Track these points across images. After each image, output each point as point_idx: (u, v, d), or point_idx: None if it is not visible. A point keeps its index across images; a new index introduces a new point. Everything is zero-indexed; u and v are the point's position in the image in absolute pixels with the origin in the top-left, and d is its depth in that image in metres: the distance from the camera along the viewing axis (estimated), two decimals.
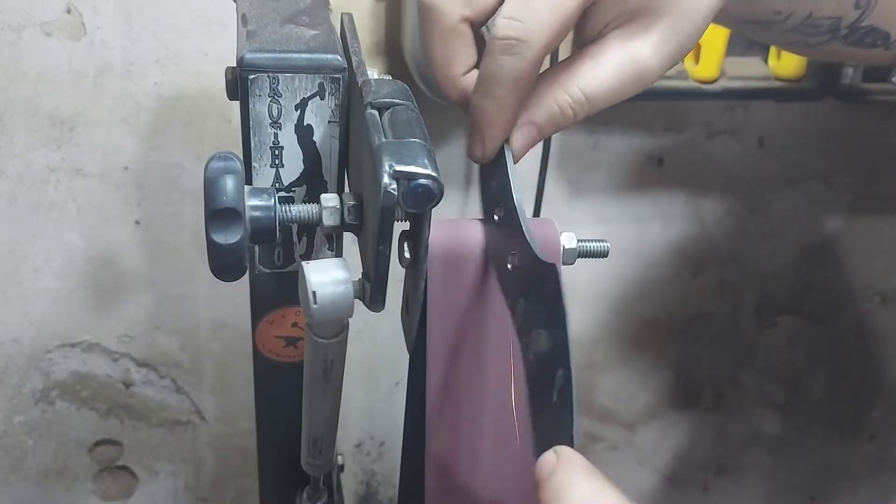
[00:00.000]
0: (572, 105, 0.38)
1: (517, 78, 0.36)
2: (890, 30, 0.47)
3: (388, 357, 0.95)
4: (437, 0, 0.37)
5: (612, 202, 0.91)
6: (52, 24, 0.73)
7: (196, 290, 0.86)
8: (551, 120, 0.39)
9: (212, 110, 0.79)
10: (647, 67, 0.38)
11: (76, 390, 0.90)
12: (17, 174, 0.78)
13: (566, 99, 0.38)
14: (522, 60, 0.36)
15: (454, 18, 0.38)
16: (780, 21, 0.45)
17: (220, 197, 0.35)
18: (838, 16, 0.46)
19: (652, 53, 0.38)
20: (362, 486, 1.03)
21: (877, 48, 0.48)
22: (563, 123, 0.39)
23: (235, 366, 0.91)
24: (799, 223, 0.97)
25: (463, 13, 0.37)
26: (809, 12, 0.45)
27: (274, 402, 0.53)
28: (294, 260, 0.46)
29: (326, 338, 0.41)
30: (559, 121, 0.39)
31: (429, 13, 0.38)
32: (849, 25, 0.47)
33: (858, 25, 0.47)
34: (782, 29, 0.46)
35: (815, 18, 0.46)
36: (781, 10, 0.45)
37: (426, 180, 0.34)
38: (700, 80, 0.78)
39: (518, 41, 0.35)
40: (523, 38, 0.35)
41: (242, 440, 0.95)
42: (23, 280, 0.83)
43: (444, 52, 0.38)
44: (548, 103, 0.39)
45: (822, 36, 0.47)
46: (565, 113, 0.39)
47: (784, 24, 0.46)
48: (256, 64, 0.40)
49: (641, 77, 0.39)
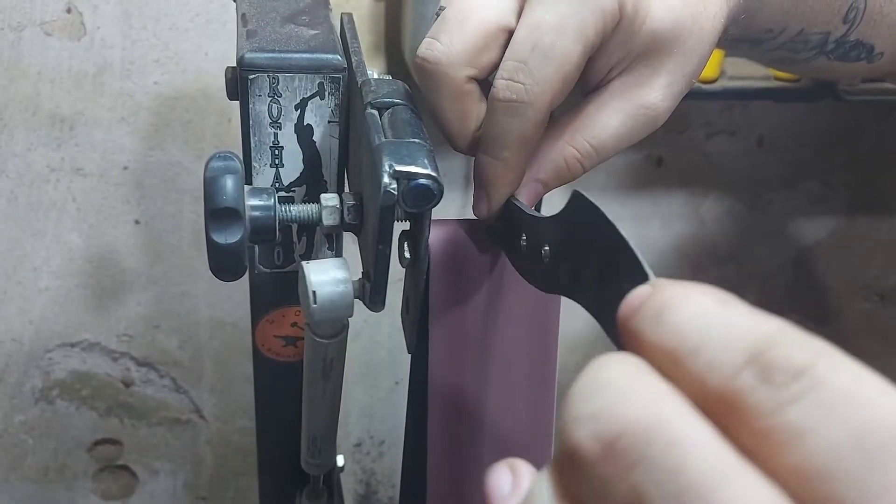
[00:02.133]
0: (580, 159, 0.37)
1: (521, 138, 0.35)
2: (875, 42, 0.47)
3: (388, 356, 0.95)
4: (442, 65, 0.35)
5: (612, 202, 0.91)
6: (52, 24, 0.73)
7: (196, 290, 0.86)
8: (558, 176, 0.38)
9: (211, 110, 0.79)
10: (657, 112, 0.37)
11: (76, 389, 0.90)
12: (17, 173, 0.78)
13: (573, 154, 0.37)
14: (526, 121, 0.34)
15: (461, 80, 0.36)
16: (771, 38, 0.45)
17: (220, 196, 0.35)
18: (827, 31, 0.46)
19: (661, 96, 0.37)
20: (362, 485, 1.03)
21: (860, 62, 0.48)
22: (569, 177, 0.38)
23: (235, 365, 0.91)
24: (798, 223, 0.98)
25: (469, 73, 0.36)
26: (801, 28, 0.45)
27: (274, 402, 0.53)
28: (294, 260, 0.46)
29: (326, 337, 0.41)
30: (566, 175, 0.38)
31: (433, 78, 0.36)
32: (836, 40, 0.47)
33: (846, 40, 0.47)
34: (772, 46, 0.46)
35: (806, 34, 0.45)
36: (773, 29, 0.44)
37: (426, 180, 0.34)
38: (700, 80, 0.78)
39: (520, 103, 0.34)
40: (525, 99, 0.34)
41: (242, 439, 0.96)
42: (22, 279, 0.83)
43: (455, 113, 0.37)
44: (554, 159, 0.37)
45: (809, 52, 0.47)
46: (573, 167, 0.37)
47: (774, 41, 0.45)
48: (256, 64, 0.40)
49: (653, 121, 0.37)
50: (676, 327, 0.18)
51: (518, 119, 0.34)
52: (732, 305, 0.18)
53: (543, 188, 0.38)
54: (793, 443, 0.16)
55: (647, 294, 0.19)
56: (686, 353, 0.18)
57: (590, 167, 0.38)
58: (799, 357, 0.17)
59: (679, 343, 0.18)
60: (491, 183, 0.37)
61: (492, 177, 0.36)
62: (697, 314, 0.18)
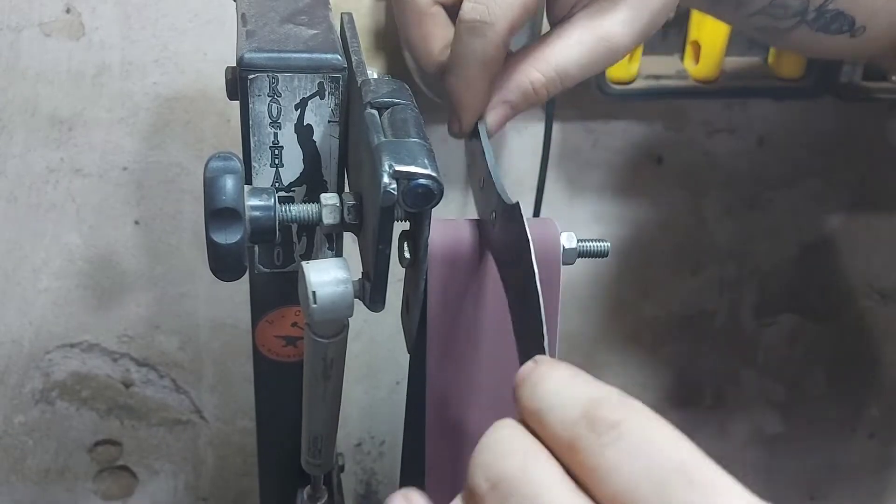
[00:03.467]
0: (545, 84, 0.40)
1: (484, 58, 0.38)
2: (856, 15, 0.48)
3: (388, 356, 0.95)
4: None
5: (612, 201, 0.91)
6: (50, 24, 0.73)
7: (196, 290, 0.86)
8: (524, 97, 0.40)
9: (211, 110, 0.78)
10: (617, 44, 0.40)
11: (76, 390, 0.90)
12: (17, 174, 0.78)
13: (538, 77, 0.40)
14: (487, 42, 0.37)
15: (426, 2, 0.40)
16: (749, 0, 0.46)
17: (220, 197, 0.35)
18: None
19: (621, 31, 0.40)
20: (362, 485, 1.03)
21: (842, 34, 0.49)
22: (535, 100, 0.41)
23: (235, 365, 0.91)
24: (798, 221, 0.97)
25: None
26: None
27: (274, 402, 0.53)
28: (294, 260, 0.46)
29: (326, 337, 0.41)
30: (532, 98, 0.41)
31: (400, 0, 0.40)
32: (816, 8, 0.47)
33: (826, 9, 0.48)
34: (752, 10, 0.47)
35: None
36: None
37: (426, 180, 0.34)
38: (700, 80, 0.78)
39: (482, 23, 0.37)
40: (487, 19, 0.37)
41: (242, 439, 0.95)
42: (22, 280, 0.83)
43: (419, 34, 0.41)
44: (520, 81, 0.40)
45: (790, 19, 0.48)
46: (538, 90, 0.40)
47: (753, 3, 0.46)
48: (256, 64, 0.40)
49: (612, 53, 0.40)
50: (541, 395, 0.25)
51: (480, 39, 0.37)
52: (580, 377, 0.25)
53: (511, 109, 0.41)
54: (608, 476, 0.22)
55: (530, 370, 0.26)
56: (546, 412, 0.25)
57: (554, 92, 0.41)
58: (615, 414, 0.23)
59: (541, 406, 0.25)
60: (459, 102, 0.39)
61: (459, 96, 0.39)
62: (556, 384, 0.25)
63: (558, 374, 0.26)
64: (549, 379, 0.26)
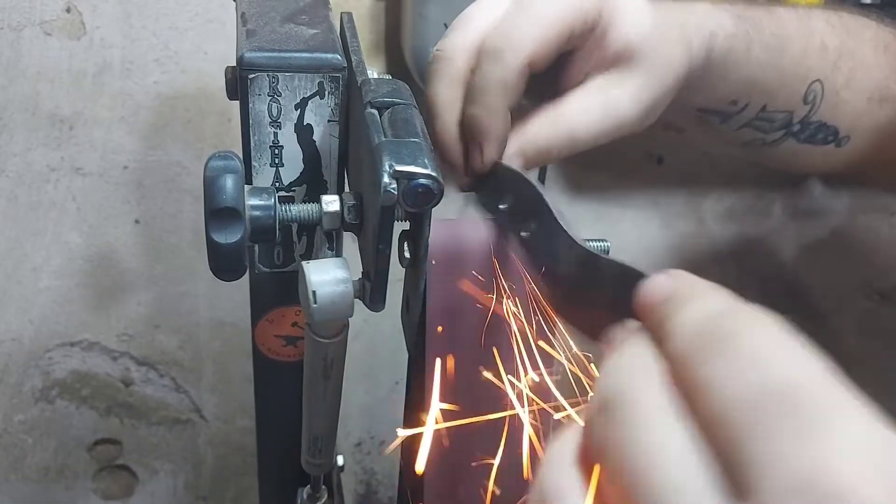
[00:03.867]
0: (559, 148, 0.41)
1: (504, 83, 0.38)
2: (838, 125, 0.50)
3: (388, 356, 0.95)
4: None
5: (612, 201, 0.91)
6: (51, 24, 0.73)
7: (196, 289, 0.86)
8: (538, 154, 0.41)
9: (211, 109, 0.78)
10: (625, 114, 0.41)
11: (76, 389, 0.90)
12: (17, 173, 0.78)
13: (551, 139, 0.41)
14: (507, 67, 0.37)
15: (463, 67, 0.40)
16: (737, 112, 0.48)
17: (220, 196, 0.35)
18: (790, 109, 0.49)
19: (629, 103, 0.41)
20: (362, 485, 1.03)
21: (828, 145, 0.51)
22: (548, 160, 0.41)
23: (235, 364, 0.91)
24: (798, 221, 0.97)
25: None
26: (764, 104, 0.48)
27: (274, 402, 0.53)
28: (294, 259, 0.46)
29: (326, 337, 0.41)
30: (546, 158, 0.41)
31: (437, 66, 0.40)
32: (800, 120, 0.49)
33: (809, 121, 0.50)
34: (738, 122, 0.48)
35: (769, 112, 0.48)
36: (738, 100, 0.47)
37: (426, 180, 0.34)
38: None
39: (502, 50, 0.37)
40: (507, 47, 0.37)
41: (242, 439, 0.95)
42: (23, 279, 0.83)
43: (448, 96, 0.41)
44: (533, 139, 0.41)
45: (777, 132, 0.50)
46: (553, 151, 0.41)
47: (740, 115, 0.48)
48: (256, 63, 0.40)
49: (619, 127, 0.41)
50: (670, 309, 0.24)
51: (501, 65, 0.37)
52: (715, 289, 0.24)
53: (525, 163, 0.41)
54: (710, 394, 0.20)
55: (662, 281, 0.25)
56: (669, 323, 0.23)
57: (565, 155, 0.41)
58: (735, 324, 0.22)
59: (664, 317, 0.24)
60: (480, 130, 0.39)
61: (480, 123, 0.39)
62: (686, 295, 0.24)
63: (692, 286, 0.24)
64: (681, 291, 0.24)
